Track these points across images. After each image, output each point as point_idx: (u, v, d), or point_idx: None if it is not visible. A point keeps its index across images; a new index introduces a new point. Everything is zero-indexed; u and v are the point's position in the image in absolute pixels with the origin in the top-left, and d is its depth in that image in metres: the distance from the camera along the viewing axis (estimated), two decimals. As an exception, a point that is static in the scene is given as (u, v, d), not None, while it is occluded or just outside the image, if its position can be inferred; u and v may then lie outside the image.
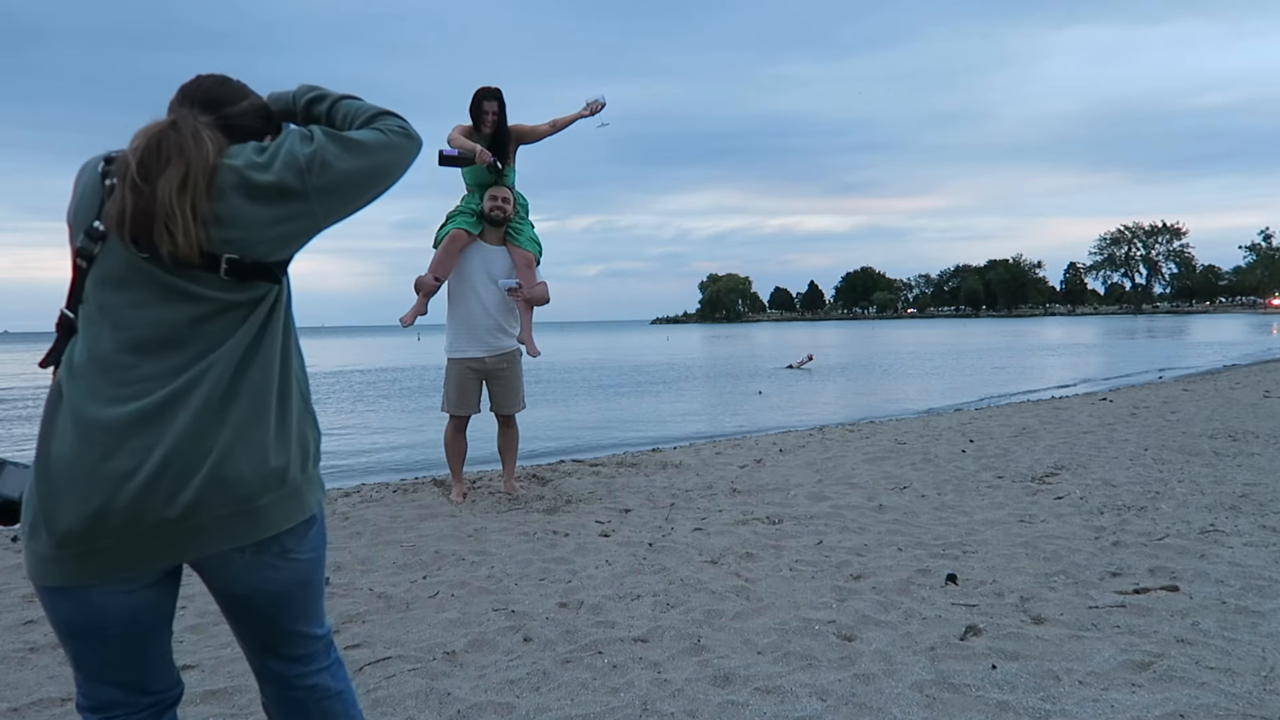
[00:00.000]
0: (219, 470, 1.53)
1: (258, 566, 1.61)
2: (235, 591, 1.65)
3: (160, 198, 1.49)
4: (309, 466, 1.68)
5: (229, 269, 1.54)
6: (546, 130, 5.75)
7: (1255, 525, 4.64)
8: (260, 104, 1.75)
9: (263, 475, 1.57)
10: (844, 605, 3.55)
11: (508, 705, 2.72)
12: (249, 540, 1.58)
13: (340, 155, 1.60)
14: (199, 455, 1.52)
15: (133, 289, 1.54)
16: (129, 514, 1.48)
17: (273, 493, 1.59)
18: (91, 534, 1.49)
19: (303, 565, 1.68)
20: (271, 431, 1.60)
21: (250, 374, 1.59)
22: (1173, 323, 79.63)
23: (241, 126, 1.68)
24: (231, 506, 1.54)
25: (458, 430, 5.77)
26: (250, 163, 1.57)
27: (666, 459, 7.68)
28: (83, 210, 1.59)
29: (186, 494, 1.50)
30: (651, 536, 4.77)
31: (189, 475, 1.51)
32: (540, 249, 5.83)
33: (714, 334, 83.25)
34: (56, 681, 3.00)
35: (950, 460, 7.07)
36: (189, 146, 1.53)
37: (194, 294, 1.54)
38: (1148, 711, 2.57)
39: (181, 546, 1.54)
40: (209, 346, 1.56)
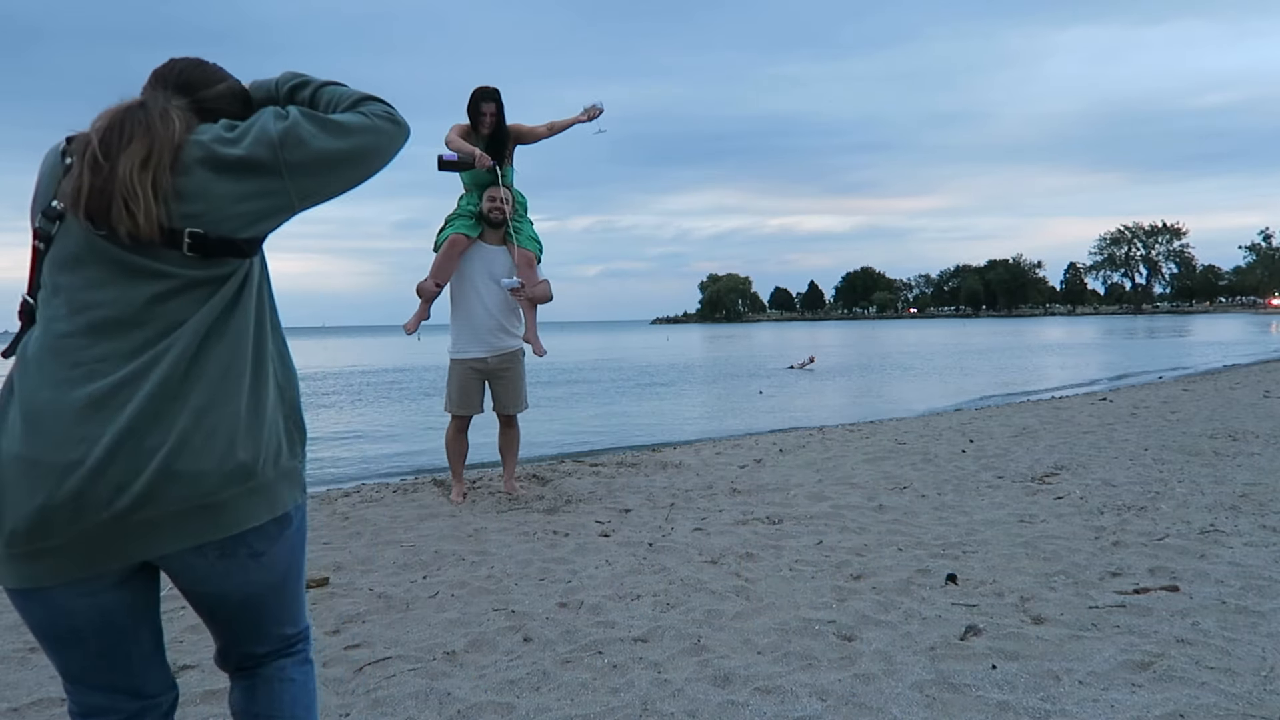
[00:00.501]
0: (174, 460, 1.40)
1: (224, 569, 1.49)
2: (200, 592, 1.54)
3: (120, 175, 1.42)
4: (283, 460, 1.54)
5: (192, 244, 1.45)
6: (544, 132, 5.76)
7: (1255, 525, 4.64)
8: (239, 88, 1.68)
9: (225, 467, 1.44)
10: (844, 605, 3.55)
11: (508, 705, 2.72)
12: (209, 538, 1.45)
13: (316, 134, 1.52)
14: (152, 442, 1.39)
15: (90, 268, 1.45)
16: (74, 509, 1.36)
17: (236, 487, 1.46)
18: (38, 532, 1.37)
19: (274, 568, 1.55)
20: (240, 419, 1.47)
21: (215, 355, 1.46)
22: (1173, 323, 79.65)
23: (217, 110, 1.60)
24: (188, 501, 1.41)
25: (459, 430, 5.77)
26: (217, 137, 1.50)
27: (666, 459, 7.68)
28: (41, 192, 1.52)
29: (137, 485, 1.38)
30: (651, 536, 4.77)
31: (140, 465, 1.38)
32: (541, 247, 5.83)
33: (714, 334, 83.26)
34: (56, 681, 3.00)
35: (950, 460, 7.07)
36: (155, 124, 1.46)
37: (155, 270, 1.45)
38: (1148, 711, 2.57)
39: (135, 544, 1.41)
40: (170, 325, 1.44)
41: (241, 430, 1.47)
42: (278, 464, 1.53)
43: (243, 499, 1.47)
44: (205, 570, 1.49)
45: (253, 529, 1.49)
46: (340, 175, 1.58)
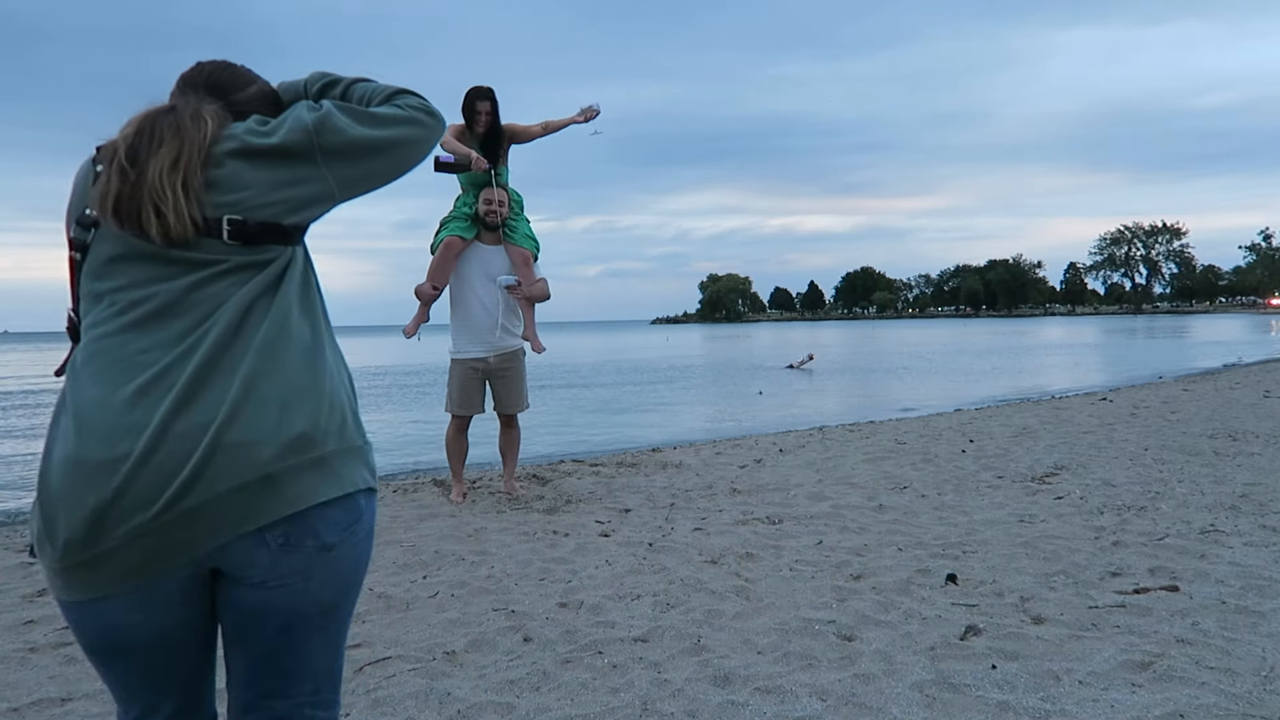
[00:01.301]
0: (225, 433, 1.31)
1: (287, 567, 1.36)
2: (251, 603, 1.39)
3: (149, 179, 1.39)
4: (349, 435, 1.43)
5: (232, 230, 1.41)
6: (538, 131, 5.77)
7: (1255, 525, 4.64)
8: (269, 90, 1.65)
9: (283, 436, 1.34)
10: (844, 605, 3.55)
11: (508, 705, 2.72)
12: (271, 517, 1.33)
13: (352, 124, 1.50)
14: (201, 419, 1.31)
15: (129, 268, 1.41)
16: (126, 504, 1.29)
17: (296, 458, 1.34)
18: (93, 538, 1.30)
19: (339, 575, 1.41)
20: (296, 386, 1.38)
21: (262, 328, 1.40)
22: (1173, 323, 79.65)
23: (249, 113, 1.56)
24: (244, 475, 1.31)
25: (460, 430, 5.77)
26: (250, 129, 1.48)
27: (666, 459, 7.68)
28: (75, 202, 1.49)
29: (189, 466, 1.29)
30: (651, 536, 4.77)
31: (190, 446, 1.30)
32: (537, 245, 5.84)
33: (714, 334, 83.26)
34: (56, 681, 3.00)
35: (950, 460, 7.07)
36: (186, 125, 1.43)
37: (195, 260, 1.41)
38: (1148, 711, 2.57)
39: (195, 533, 1.31)
40: (213, 307, 1.39)
41: (298, 397, 1.38)
42: (342, 438, 1.42)
43: (305, 471, 1.35)
44: (266, 566, 1.36)
45: (318, 510, 1.36)
46: (379, 165, 1.54)
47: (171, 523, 1.30)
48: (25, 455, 11.14)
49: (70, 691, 2.91)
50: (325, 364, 1.46)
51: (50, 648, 3.32)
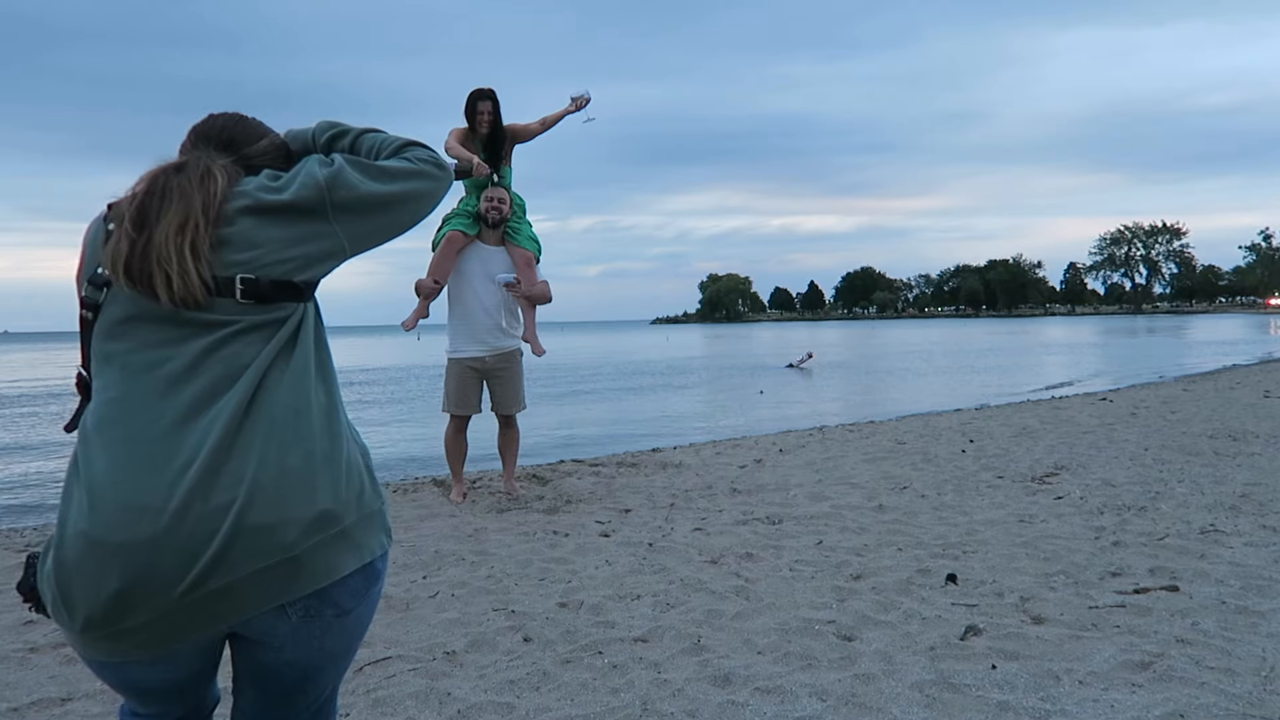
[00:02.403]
0: (248, 514, 1.30)
1: (305, 632, 1.38)
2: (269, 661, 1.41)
3: (156, 241, 1.38)
4: (366, 501, 1.43)
5: (245, 290, 1.40)
6: (537, 129, 5.79)
7: (1255, 525, 4.64)
8: (279, 142, 1.64)
9: (306, 515, 1.34)
10: (844, 605, 3.55)
11: (508, 705, 2.72)
12: (294, 595, 1.34)
13: (363, 179, 1.50)
14: (222, 499, 1.30)
15: (141, 330, 1.40)
16: (149, 588, 1.28)
17: (319, 535, 1.35)
18: (115, 618, 1.29)
19: (353, 632, 1.45)
20: (316, 461, 1.38)
21: (279, 397, 1.39)
22: (1173, 323, 79.65)
23: (261, 167, 1.57)
24: (268, 557, 1.31)
25: (458, 430, 5.77)
26: (261, 186, 1.47)
27: (666, 459, 7.68)
28: (87, 260, 1.47)
29: (211, 549, 1.28)
30: (651, 536, 4.77)
31: (212, 527, 1.29)
32: (539, 247, 5.84)
33: (714, 334, 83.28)
34: (56, 681, 3.00)
35: (950, 460, 7.07)
36: (191, 188, 1.43)
37: (207, 321, 1.39)
38: (1148, 711, 2.57)
39: (217, 612, 1.32)
40: (228, 372, 1.37)
41: (319, 472, 1.37)
42: (361, 506, 1.42)
43: (327, 548, 1.36)
44: (286, 635, 1.38)
45: (339, 582, 1.38)
46: (390, 219, 1.55)
47: (195, 603, 1.31)
48: (26, 455, 11.14)
49: (70, 691, 2.91)
50: (341, 428, 1.46)
51: (50, 648, 3.32)
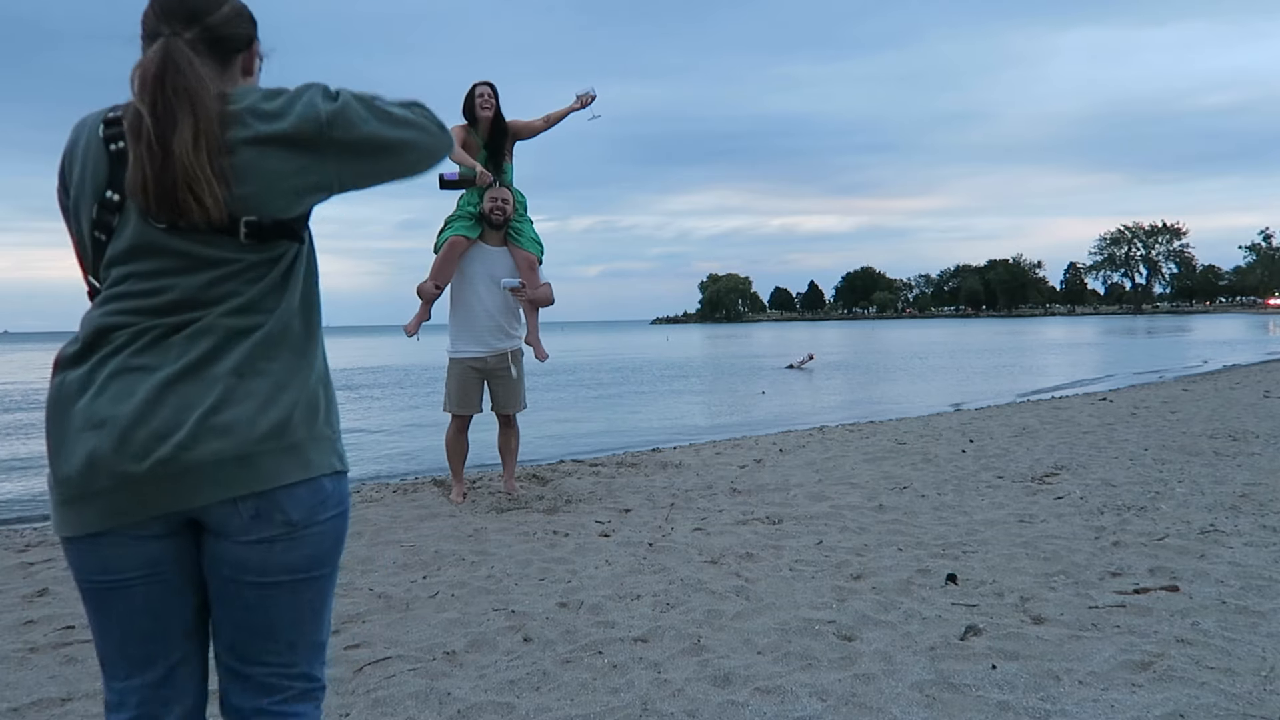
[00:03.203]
0: (213, 415, 1.44)
1: (256, 533, 1.48)
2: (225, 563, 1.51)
3: (180, 160, 1.39)
4: (318, 425, 1.54)
5: (249, 231, 1.46)
6: (540, 126, 5.79)
7: (1255, 525, 4.64)
8: (241, 6, 1.58)
9: (260, 426, 1.46)
10: (844, 605, 3.55)
11: (508, 705, 2.72)
12: (243, 490, 1.46)
13: (367, 118, 1.48)
14: (194, 399, 1.44)
15: (148, 259, 1.47)
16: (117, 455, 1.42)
17: (270, 443, 1.47)
18: (84, 477, 1.43)
19: (304, 549, 1.52)
20: (278, 383, 1.50)
21: (262, 327, 1.50)
22: (1173, 323, 79.64)
23: (228, 37, 1.54)
24: (224, 453, 1.44)
25: (459, 430, 5.77)
26: (258, 112, 1.46)
27: (666, 459, 7.68)
28: (86, 177, 1.49)
29: (177, 436, 1.42)
30: (651, 536, 4.77)
31: (181, 418, 1.43)
32: (542, 249, 5.84)
33: (714, 334, 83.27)
34: (56, 681, 3.00)
35: (950, 460, 7.07)
36: (195, 91, 1.42)
37: (212, 258, 1.47)
38: (1148, 711, 2.57)
39: (174, 491, 1.44)
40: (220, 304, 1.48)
41: (281, 392, 1.50)
42: (312, 429, 1.53)
43: (276, 456, 1.48)
44: (239, 530, 1.48)
45: (285, 489, 1.49)
46: (386, 165, 1.53)
47: (156, 478, 1.43)
48: (26, 456, 11.13)
49: (70, 691, 2.91)
50: (309, 360, 1.56)
51: (50, 648, 3.32)
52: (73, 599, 3.95)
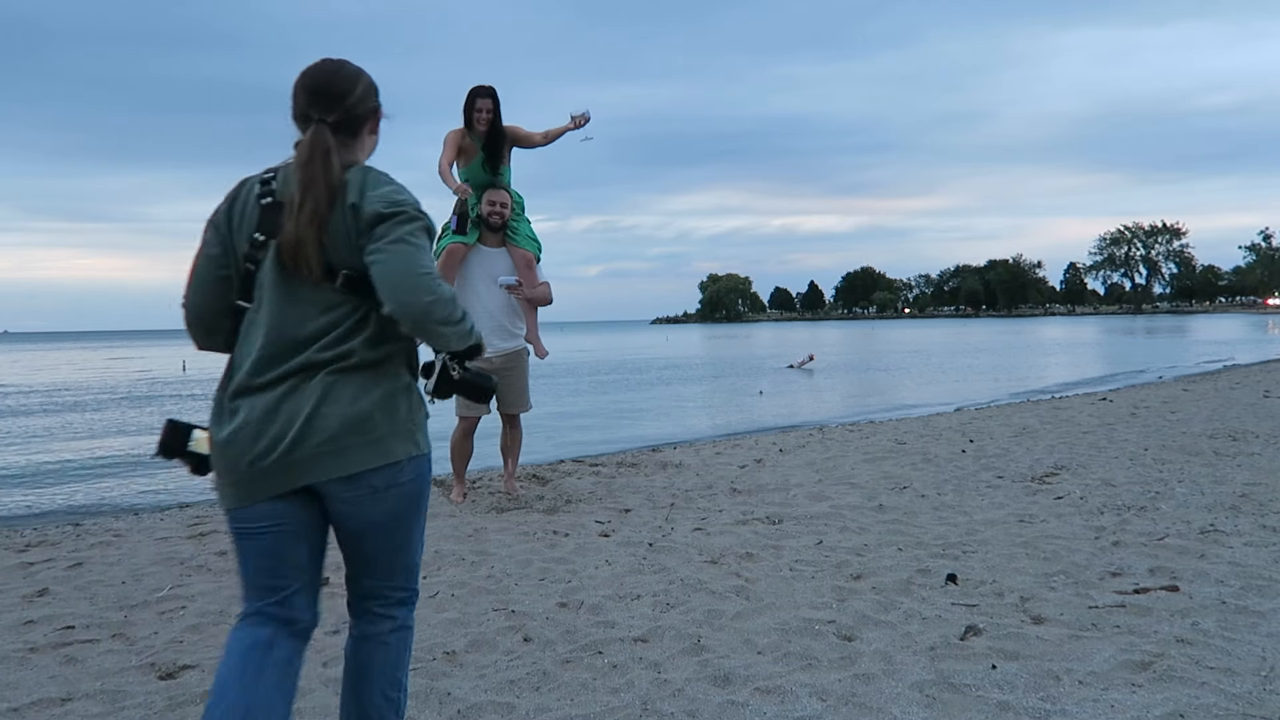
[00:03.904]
0: (311, 421, 1.94)
1: (352, 498, 2.00)
2: (341, 517, 2.05)
3: (301, 232, 1.93)
4: (398, 421, 2.02)
5: (344, 283, 1.97)
6: (539, 140, 5.82)
7: (1255, 525, 4.64)
8: (369, 81, 2.09)
9: (349, 426, 1.96)
10: (844, 605, 3.55)
11: (508, 705, 2.72)
12: (336, 474, 1.97)
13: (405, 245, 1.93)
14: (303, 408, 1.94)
15: (278, 291, 1.98)
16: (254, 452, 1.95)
17: (355, 437, 1.97)
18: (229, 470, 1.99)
19: (387, 507, 2.04)
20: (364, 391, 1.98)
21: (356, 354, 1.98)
22: (1173, 322, 79.65)
23: (361, 114, 2.05)
24: (321, 449, 1.95)
25: (466, 433, 5.77)
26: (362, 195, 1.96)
27: (666, 459, 7.68)
28: (241, 222, 2.02)
29: (286, 440, 1.94)
30: (651, 536, 4.77)
31: (288, 427, 1.94)
32: (539, 247, 5.86)
33: (714, 334, 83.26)
34: (56, 681, 3.00)
35: (950, 460, 7.07)
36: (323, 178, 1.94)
37: (316, 299, 1.98)
38: (1148, 711, 2.57)
39: (291, 476, 1.97)
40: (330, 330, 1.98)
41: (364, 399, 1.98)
42: (393, 424, 2.01)
43: (360, 448, 1.98)
44: (339, 497, 2.01)
45: (368, 472, 1.99)
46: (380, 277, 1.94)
47: (275, 469, 1.96)
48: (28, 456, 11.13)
49: (70, 691, 2.91)
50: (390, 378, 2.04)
51: (50, 648, 3.32)
52: (73, 599, 3.95)
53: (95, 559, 4.73)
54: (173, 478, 9.14)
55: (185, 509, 6.54)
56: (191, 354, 34.02)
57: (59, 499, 8.03)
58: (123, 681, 2.99)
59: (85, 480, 9.10)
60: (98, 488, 8.63)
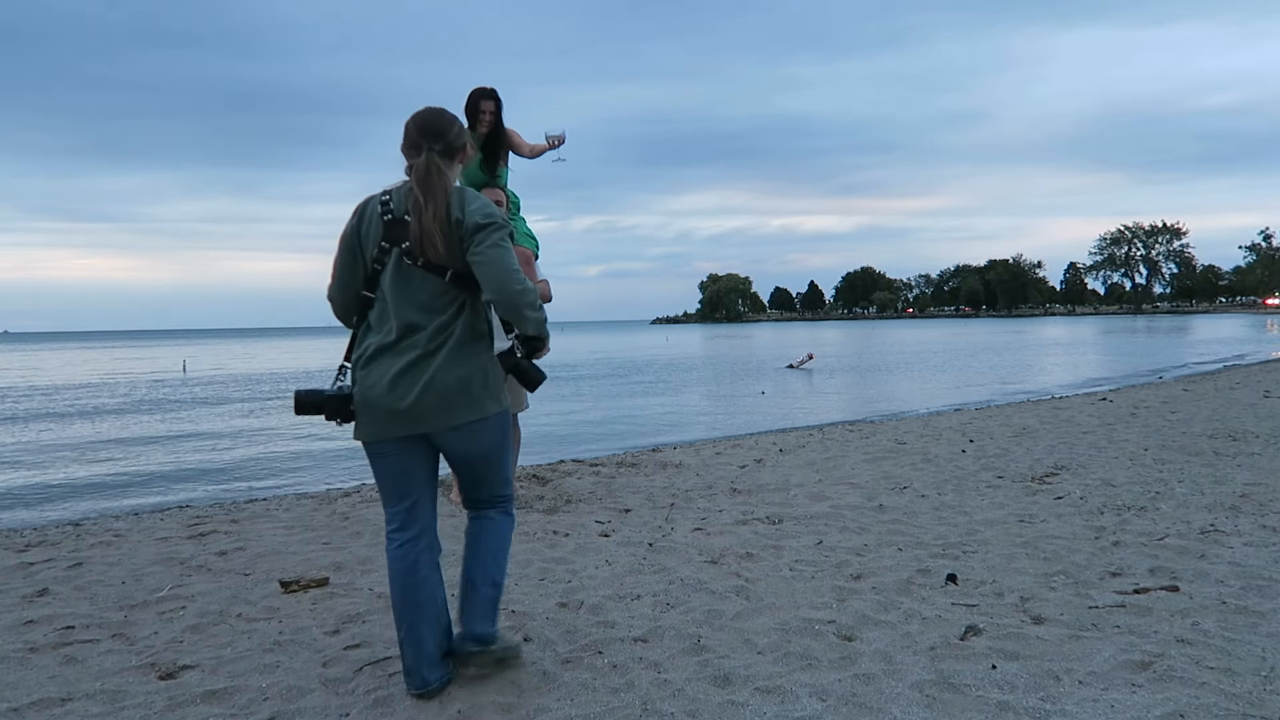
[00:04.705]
0: (432, 383, 2.70)
1: (459, 439, 2.79)
2: (451, 452, 2.83)
3: (427, 229, 2.66)
4: (489, 385, 2.79)
5: (451, 278, 2.72)
6: (527, 152, 5.90)
7: (1255, 525, 4.63)
8: (460, 124, 2.83)
9: (455, 388, 2.72)
10: (844, 605, 3.55)
11: (508, 705, 2.72)
12: (449, 423, 2.74)
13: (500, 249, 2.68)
14: (422, 375, 2.69)
15: (400, 284, 2.72)
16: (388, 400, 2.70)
17: (462, 395, 2.74)
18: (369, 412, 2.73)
19: (484, 442, 2.84)
20: (469, 361, 2.75)
21: (461, 330, 2.74)
22: (1173, 322, 79.63)
23: (456, 146, 2.79)
24: (439, 403, 2.71)
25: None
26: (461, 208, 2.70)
27: (666, 459, 7.68)
28: (369, 234, 2.76)
29: (414, 392, 2.69)
30: (651, 536, 4.77)
31: (413, 386, 2.69)
32: (536, 244, 5.88)
33: (714, 334, 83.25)
34: (56, 681, 3.00)
35: (950, 460, 7.07)
36: (439, 190, 2.69)
37: (427, 290, 2.72)
38: (1148, 711, 2.57)
39: (413, 423, 2.73)
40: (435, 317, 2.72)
41: (466, 369, 2.74)
42: (485, 387, 2.78)
43: (464, 404, 2.75)
44: (447, 439, 2.79)
45: (470, 421, 2.77)
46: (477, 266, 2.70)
47: (406, 414, 2.71)
48: (28, 456, 11.13)
49: (70, 691, 2.91)
50: (481, 351, 2.80)
51: (50, 648, 3.32)
52: (73, 599, 3.95)
53: (95, 559, 4.73)
54: (173, 478, 9.15)
55: (185, 509, 6.54)
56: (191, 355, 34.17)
57: (59, 499, 8.03)
58: (123, 681, 2.99)
59: (85, 480, 9.10)
60: (98, 488, 8.63)
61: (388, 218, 2.71)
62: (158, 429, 13.98)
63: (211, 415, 16.06)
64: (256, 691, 2.88)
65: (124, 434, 13.28)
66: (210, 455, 10.86)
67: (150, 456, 10.83)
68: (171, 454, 11.02)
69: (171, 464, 10.16)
